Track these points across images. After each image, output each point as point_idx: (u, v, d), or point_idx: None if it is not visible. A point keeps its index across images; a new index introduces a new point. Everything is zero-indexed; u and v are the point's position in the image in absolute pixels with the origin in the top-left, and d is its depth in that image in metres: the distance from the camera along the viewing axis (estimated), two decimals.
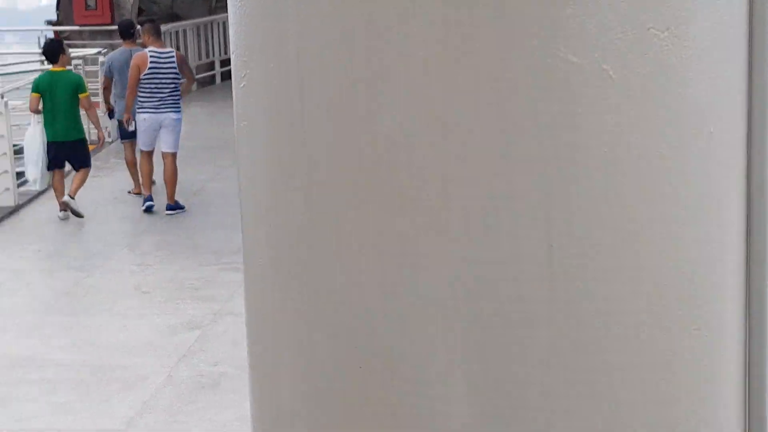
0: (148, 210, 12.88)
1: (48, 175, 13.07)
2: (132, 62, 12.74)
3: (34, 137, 12.93)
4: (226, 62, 22.19)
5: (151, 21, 13.77)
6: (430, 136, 1.61)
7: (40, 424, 7.48)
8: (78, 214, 12.69)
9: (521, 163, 1.59)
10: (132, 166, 13.67)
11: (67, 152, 12.83)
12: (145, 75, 12.56)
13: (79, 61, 17.22)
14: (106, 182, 13.96)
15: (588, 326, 1.63)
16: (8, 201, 13.40)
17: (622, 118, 1.58)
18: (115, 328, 9.19)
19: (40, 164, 12.92)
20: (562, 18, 1.55)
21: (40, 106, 12.82)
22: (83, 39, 20.88)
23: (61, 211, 12.76)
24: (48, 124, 12.80)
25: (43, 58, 20.26)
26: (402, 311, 1.64)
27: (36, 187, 13.40)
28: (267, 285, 1.76)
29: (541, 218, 1.59)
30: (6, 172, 13.38)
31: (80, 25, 21.04)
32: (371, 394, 1.67)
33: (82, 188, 12.89)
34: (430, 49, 1.58)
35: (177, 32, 20.77)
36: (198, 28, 21.80)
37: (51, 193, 13.94)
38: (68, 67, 13.43)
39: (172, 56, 12.80)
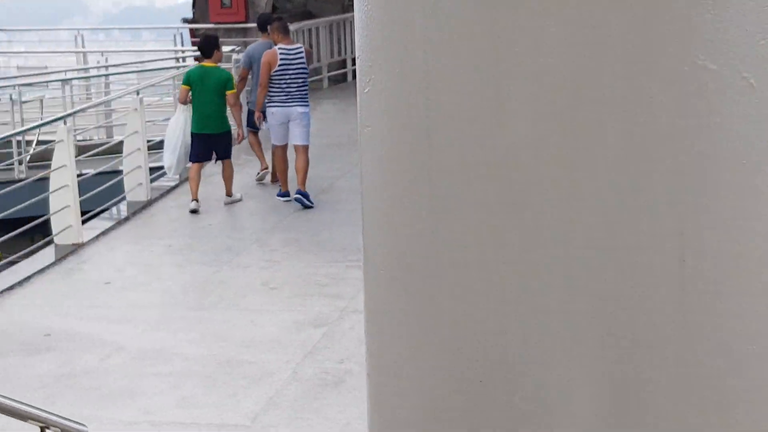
0: (283, 195, 13.24)
1: (185, 164, 13.41)
2: (262, 59, 13.05)
3: (176, 126, 13.33)
4: None
5: (279, 19, 14.17)
6: (559, 143, 1.55)
7: (166, 416, 7.57)
8: (238, 201, 13.28)
9: (653, 173, 1.52)
10: (256, 145, 14.20)
11: (211, 144, 13.20)
12: (275, 71, 12.89)
13: None
14: (236, 179, 14.11)
15: (719, 344, 1.56)
16: (141, 196, 13.62)
17: (763, 129, 1.50)
18: (242, 324, 9.27)
19: (177, 152, 13.28)
20: (701, 24, 1.48)
21: (189, 98, 13.18)
22: (218, 36, 21.12)
23: (192, 201, 13.04)
24: (195, 116, 13.18)
25: (182, 54, 20.64)
26: (525, 324, 1.59)
27: (170, 174, 13.75)
28: (387, 293, 1.72)
29: (674, 231, 1.53)
30: (139, 167, 13.60)
31: (215, 23, 21.31)
32: (492, 409, 1.62)
33: (196, 184, 13.13)
34: (562, 53, 1.53)
35: (310, 30, 20.92)
36: (330, 26, 21.92)
37: (183, 188, 14.17)
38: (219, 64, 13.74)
39: (301, 52, 13.11)
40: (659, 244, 1.54)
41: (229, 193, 13.30)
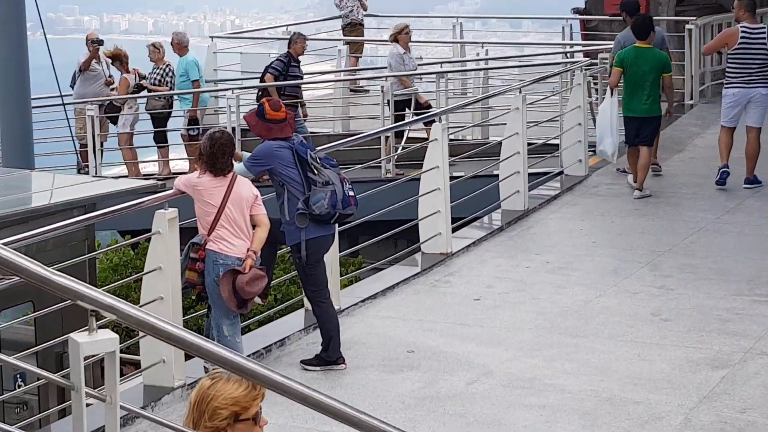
0: (722, 179, 14.05)
1: (624, 148, 14.38)
2: (721, 34, 14.61)
3: (611, 110, 14.20)
4: None
5: None
6: None
7: None
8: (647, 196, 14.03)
9: None
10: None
11: (639, 127, 13.99)
12: (734, 50, 14.03)
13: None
14: (626, 189, 14.03)
15: None
16: (517, 205, 13.70)
17: None
18: (628, 357, 9.18)
19: (615, 136, 14.19)
20: None
21: (621, 81, 14.03)
22: (612, 30, 21.09)
23: (636, 190, 13.99)
24: (626, 99, 14.03)
25: (570, 49, 20.77)
26: None
27: (612, 160, 14.68)
28: None
29: None
30: (518, 173, 13.68)
31: (610, 15, 21.26)
32: None
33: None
34: None
35: (720, 25, 20.54)
36: None
37: (563, 199, 14.24)
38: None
39: (764, 32, 14.02)
40: None
41: (640, 186, 13.99)
